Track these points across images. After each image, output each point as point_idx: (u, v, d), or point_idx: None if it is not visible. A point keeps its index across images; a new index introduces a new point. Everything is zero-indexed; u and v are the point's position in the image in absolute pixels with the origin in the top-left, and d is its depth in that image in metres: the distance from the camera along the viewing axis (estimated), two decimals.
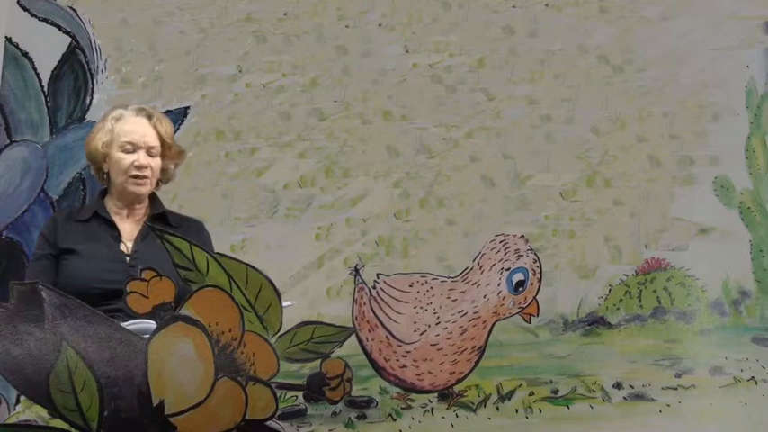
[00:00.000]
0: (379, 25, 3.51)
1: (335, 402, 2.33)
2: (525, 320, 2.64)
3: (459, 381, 2.61)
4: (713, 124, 3.38)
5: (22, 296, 2.04)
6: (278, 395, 2.12)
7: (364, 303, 2.63)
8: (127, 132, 2.67)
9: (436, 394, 2.99)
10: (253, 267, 2.16)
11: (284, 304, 2.16)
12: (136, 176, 2.65)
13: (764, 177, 3.33)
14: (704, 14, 3.43)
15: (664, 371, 3.12)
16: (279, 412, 2.13)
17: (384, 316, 2.61)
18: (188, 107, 3.47)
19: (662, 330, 3.20)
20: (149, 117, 2.70)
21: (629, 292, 3.25)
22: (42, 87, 3.51)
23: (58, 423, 2.06)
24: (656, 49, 3.43)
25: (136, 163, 2.65)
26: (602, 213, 3.34)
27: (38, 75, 3.52)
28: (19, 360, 2.02)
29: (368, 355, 2.60)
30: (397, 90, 3.45)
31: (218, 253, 2.19)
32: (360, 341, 2.60)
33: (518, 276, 2.59)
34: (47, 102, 3.51)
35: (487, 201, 3.37)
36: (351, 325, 2.37)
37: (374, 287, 2.64)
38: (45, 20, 3.54)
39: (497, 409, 2.87)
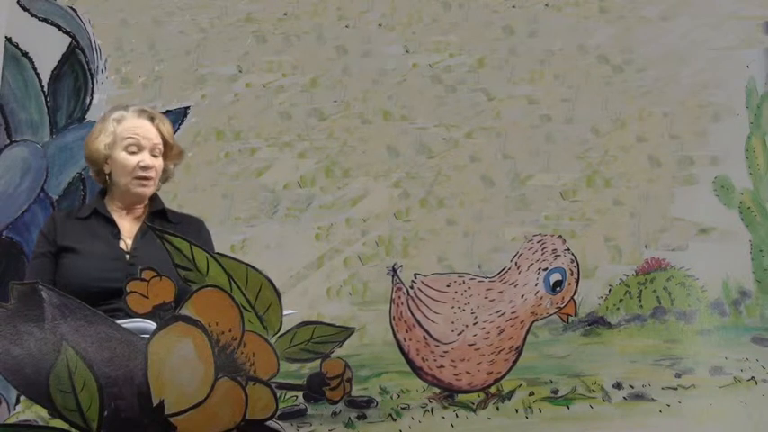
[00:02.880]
0: (379, 25, 3.51)
1: (335, 402, 2.33)
2: (563, 320, 2.66)
3: (496, 381, 2.61)
4: (713, 124, 3.38)
5: (22, 296, 2.04)
6: (278, 395, 2.12)
7: (402, 303, 2.63)
8: (131, 134, 2.66)
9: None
10: (253, 267, 2.16)
11: (286, 312, 2.16)
12: (141, 177, 2.65)
13: (764, 177, 3.33)
14: (704, 14, 3.42)
15: (664, 371, 3.12)
16: (279, 412, 2.13)
17: (421, 316, 2.61)
18: (188, 107, 3.47)
19: (662, 330, 3.20)
20: (152, 119, 2.70)
21: (629, 292, 3.25)
22: (42, 87, 3.51)
23: (58, 423, 2.06)
24: (656, 49, 3.43)
25: (141, 164, 2.65)
26: (602, 213, 3.34)
27: (38, 75, 3.52)
28: (19, 360, 2.02)
29: (405, 354, 2.60)
30: (397, 90, 3.45)
31: (218, 253, 2.19)
32: (397, 341, 2.60)
33: (555, 276, 2.60)
34: (47, 102, 3.51)
35: (487, 201, 3.37)
36: (352, 325, 2.37)
37: (412, 287, 2.65)
38: (45, 20, 3.54)
39: (497, 409, 2.86)
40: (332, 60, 3.49)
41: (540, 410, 2.91)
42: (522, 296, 2.60)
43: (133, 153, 2.66)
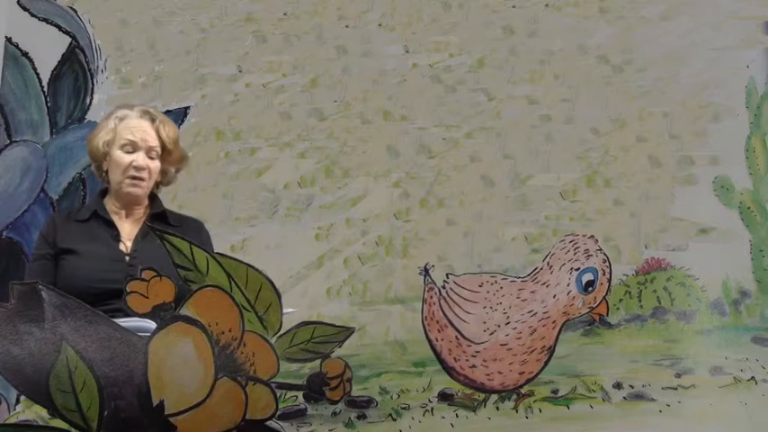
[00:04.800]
0: (379, 25, 3.51)
1: (335, 402, 2.33)
2: (595, 320, 2.67)
3: (528, 381, 2.63)
4: (713, 124, 3.38)
5: (22, 296, 2.04)
6: (278, 395, 2.12)
7: (434, 303, 2.64)
8: (128, 133, 2.67)
9: (437, 394, 2.99)
10: (253, 267, 2.16)
11: (285, 311, 2.17)
12: (133, 177, 2.66)
13: (764, 177, 3.33)
14: (704, 14, 3.42)
15: (664, 371, 3.11)
16: (279, 412, 2.13)
17: (454, 316, 2.62)
18: (188, 107, 3.47)
19: (662, 330, 3.20)
20: (153, 120, 2.71)
21: (629, 292, 3.24)
22: (42, 87, 3.51)
23: (58, 423, 2.06)
24: (656, 49, 3.43)
25: (134, 163, 2.66)
26: (602, 213, 3.34)
27: (38, 75, 3.52)
28: (19, 360, 2.02)
29: (437, 354, 2.61)
30: (397, 90, 3.45)
31: (218, 253, 2.19)
32: (429, 341, 2.61)
33: (587, 276, 2.61)
34: (47, 102, 3.51)
35: (487, 201, 3.37)
36: (352, 325, 2.37)
37: (444, 287, 2.65)
38: (45, 20, 3.54)
39: (497, 409, 2.86)
40: (332, 60, 3.49)
41: (540, 410, 2.90)
42: (555, 296, 2.61)
43: (128, 152, 2.67)
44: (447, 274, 2.67)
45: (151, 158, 2.68)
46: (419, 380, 3.06)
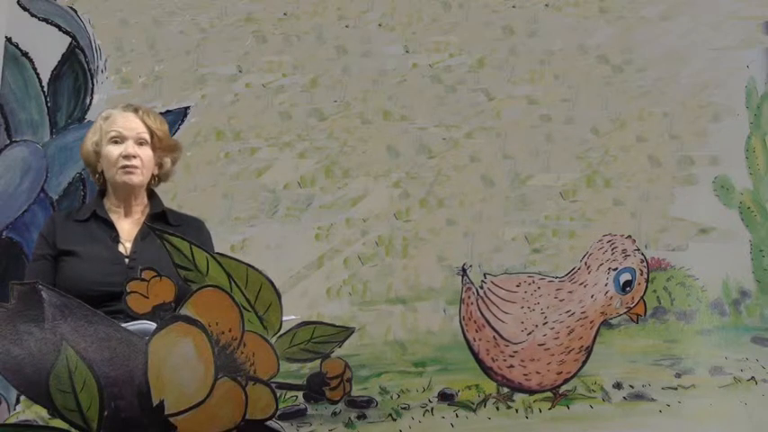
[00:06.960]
0: (379, 25, 3.51)
1: (335, 402, 2.33)
2: (633, 320, 2.68)
3: (566, 381, 2.64)
4: (713, 124, 3.38)
5: (22, 296, 2.04)
6: (278, 395, 2.12)
7: (471, 303, 2.65)
8: (113, 126, 2.69)
9: (437, 394, 3.00)
10: (253, 267, 2.16)
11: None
12: (125, 166, 2.66)
13: (764, 177, 3.33)
14: (704, 14, 3.42)
15: (664, 371, 3.12)
16: (279, 412, 2.13)
17: (491, 316, 2.63)
18: (188, 107, 3.47)
19: (662, 330, 3.20)
20: (136, 111, 2.72)
21: None
22: (42, 87, 3.51)
23: (58, 423, 2.06)
24: (656, 49, 3.43)
25: (124, 153, 2.66)
26: (602, 213, 3.34)
27: (38, 75, 3.52)
28: (19, 360, 2.02)
29: (475, 354, 2.62)
30: (397, 90, 3.45)
31: (218, 253, 2.19)
32: (467, 341, 2.62)
33: (625, 276, 2.62)
34: (47, 102, 3.51)
35: (487, 201, 3.37)
36: (352, 325, 2.37)
37: (481, 287, 2.66)
38: (45, 20, 3.54)
39: (497, 409, 2.87)
40: (332, 60, 3.49)
41: (540, 410, 2.91)
42: (592, 296, 2.63)
43: (116, 143, 2.67)
44: (485, 274, 2.69)
45: (140, 145, 2.68)
46: (419, 380, 3.07)
